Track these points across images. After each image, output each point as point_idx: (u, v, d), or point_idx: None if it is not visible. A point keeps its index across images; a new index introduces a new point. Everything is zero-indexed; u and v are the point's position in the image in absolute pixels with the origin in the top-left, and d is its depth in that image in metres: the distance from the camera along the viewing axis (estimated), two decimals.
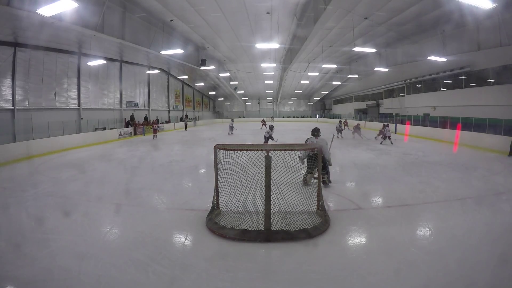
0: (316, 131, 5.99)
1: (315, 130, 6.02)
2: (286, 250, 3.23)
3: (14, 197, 5.33)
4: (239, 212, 3.91)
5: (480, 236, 3.51)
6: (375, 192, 5.56)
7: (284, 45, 17.14)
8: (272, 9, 12.42)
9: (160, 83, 25.37)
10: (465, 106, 14.79)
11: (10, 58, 11.95)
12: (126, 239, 3.55)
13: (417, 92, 20.21)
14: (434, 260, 2.92)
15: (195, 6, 11.83)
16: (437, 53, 14.60)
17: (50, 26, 9.53)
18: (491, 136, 10.79)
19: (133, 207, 4.75)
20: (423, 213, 4.35)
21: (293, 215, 3.78)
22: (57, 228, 3.85)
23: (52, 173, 7.54)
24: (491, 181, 6.33)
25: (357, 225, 3.88)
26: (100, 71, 17.34)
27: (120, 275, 2.75)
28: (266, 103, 44.03)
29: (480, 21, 12.32)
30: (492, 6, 7.80)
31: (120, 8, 11.50)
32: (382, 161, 8.71)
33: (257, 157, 3.63)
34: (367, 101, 29.76)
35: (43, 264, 2.93)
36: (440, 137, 13.56)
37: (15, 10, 7.62)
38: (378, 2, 11.52)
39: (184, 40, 16.66)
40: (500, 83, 13.03)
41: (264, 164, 3.50)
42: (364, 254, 3.18)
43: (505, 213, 4.35)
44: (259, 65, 22.83)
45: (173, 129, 24.67)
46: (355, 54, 21.53)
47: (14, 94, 12.16)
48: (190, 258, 3.13)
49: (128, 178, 6.97)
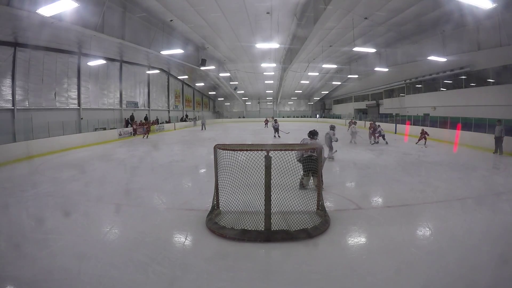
0: (312, 134, 5.70)
1: (312, 132, 5.75)
2: (286, 250, 3.23)
3: (14, 197, 5.33)
4: (239, 212, 3.91)
5: (480, 236, 3.51)
6: (375, 192, 5.56)
7: (284, 45, 17.14)
8: (272, 9, 12.42)
9: (160, 83, 25.38)
10: (465, 106, 14.79)
11: (10, 58, 11.95)
12: (126, 239, 3.55)
13: (417, 92, 20.21)
14: (434, 260, 2.92)
15: (195, 6, 11.83)
16: (437, 53, 14.60)
17: (50, 26, 9.53)
18: (491, 136, 10.74)
19: (133, 207, 4.75)
20: (423, 213, 4.35)
21: (293, 215, 3.78)
22: (57, 228, 3.85)
23: (52, 173, 7.54)
24: (491, 181, 6.34)
25: (357, 225, 3.88)
26: (100, 71, 17.35)
27: (120, 275, 2.75)
28: (266, 103, 44.01)
29: (480, 21, 12.32)
30: (492, 6, 7.80)
31: (120, 8, 11.50)
32: (382, 161, 8.71)
33: (257, 157, 3.63)
34: (367, 101, 29.77)
35: (43, 264, 2.92)
36: (440, 137, 13.56)
37: (15, 10, 7.62)
38: (378, 2, 11.52)
39: (184, 40, 16.66)
40: (500, 83, 13.03)
41: (264, 164, 3.50)
42: (364, 254, 3.18)
43: (505, 213, 4.35)
44: (259, 65, 22.82)
45: (173, 129, 24.69)
46: (355, 54, 21.53)
47: (14, 94, 12.17)
48: (190, 258, 3.12)
49: (128, 178, 6.98)
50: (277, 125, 15.76)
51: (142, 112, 22.20)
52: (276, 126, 15.73)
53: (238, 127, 28.82)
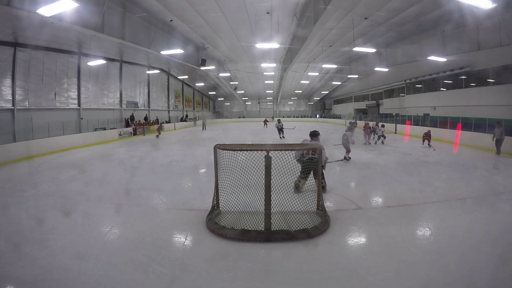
0: (313, 135, 5.47)
1: (312, 133, 5.50)
2: (286, 250, 3.23)
3: (14, 197, 5.33)
4: (239, 212, 3.91)
5: (480, 236, 3.51)
6: (375, 192, 5.56)
7: (284, 45, 17.14)
8: (272, 9, 12.43)
9: (160, 83, 25.38)
10: (465, 106, 14.79)
11: (10, 58, 11.96)
12: (126, 239, 3.55)
13: (417, 92, 20.20)
14: (434, 260, 2.92)
15: (195, 6, 11.83)
16: (437, 53, 14.61)
17: (50, 26, 9.54)
18: (491, 136, 10.77)
19: (133, 207, 4.75)
20: (423, 213, 4.34)
21: (293, 215, 3.78)
22: (57, 228, 3.85)
23: (52, 173, 7.54)
24: (491, 181, 6.34)
25: (357, 225, 3.88)
26: (100, 71, 17.35)
27: (120, 275, 2.75)
28: (266, 103, 44.00)
29: (480, 21, 12.32)
30: (492, 6, 7.81)
31: (120, 8, 11.50)
32: (382, 161, 8.70)
33: (257, 157, 3.63)
34: (367, 101, 29.75)
35: (43, 264, 2.92)
36: (440, 137, 13.56)
37: (15, 10, 7.62)
38: (378, 2, 11.52)
39: (184, 40, 16.66)
40: (500, 83, 13.03)
41: (264, 164, 3.50)
42: (364, 254, 3.18)
43: (505, 213, 4.35)
44: (259, 65, 22.82)
45: (173, 129, 24.69)
46: (355, 54, 21.53)
47: (14, 94, 12.17)
48: (190, 258, 3.12)
49: (128, 178, 6.97)
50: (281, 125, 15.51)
51: (142, 112, 22.21)
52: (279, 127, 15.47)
53: (238, 127, 28.81)
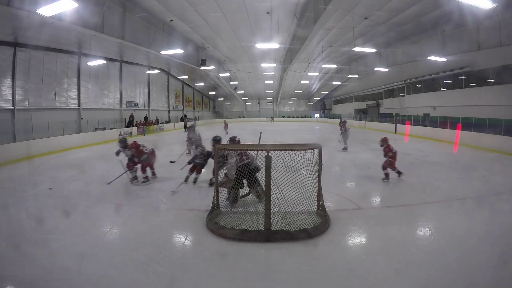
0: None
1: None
2: (286, 250, 3.23)
3: (14, 197, 5.33)
4: (239, 212, 3.91)
5: (480, 236, 3.51)
6: (375, 192, 5.56)
7: (284, 45, 17.14)
8: (272, 9, 12.42)
9: (160, 83, 25.37)
10: (465, 106, 14.78)
11: (10, 58, 11.95)
12: (126, 239, 3.55)
13: (417, 92, 20.19)
14: (434, 260, 2.92)
15: (195, 6, 11.83)
16: (437, 53, 14.60)
17: (50, 26, 9.53)
18: (491, 136, 10.78)
19: (133, 207, 4.75)
20: (423, 213, 4.35)
21: (293, 215, 3.78)
22: (57, 228, 3.85)
23: (52, 173, 7.53)
24: (491, 181, 6.33)
25: (357, 225, 3.88)
26: (100, 71, 17.34)
27: (120, 275, 2.75)
28: (266, 103, 44.00)
29: (480, 21, 12.32)
30: (492, 6, 7.81)
31: (120, 8, 11.50)
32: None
33: (257, 157, 3.63)
34: (367, 101, 29.75)
35: (43, 264, 2.92)
36: (440, 137, 13.56)
37: (15, 10, 7.62)
38: (378, 2, 11.52)
39: (184, 40, 16.65)
40: (500, 83, 13.02)
41: (264, 164, 3.50)
42: (364, 254, 3.18)
43: (505, 213, 4.35)
44: (259, 65, 22.82)
45: (173, 129, 24.67)
46: (355, 54, 21.52)
47: (14, 94, 12.16)
48: (190, 258, 3.12)
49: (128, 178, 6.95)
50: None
51: (142, 112, 22.20)
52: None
53: (238, 127, 28.79)
